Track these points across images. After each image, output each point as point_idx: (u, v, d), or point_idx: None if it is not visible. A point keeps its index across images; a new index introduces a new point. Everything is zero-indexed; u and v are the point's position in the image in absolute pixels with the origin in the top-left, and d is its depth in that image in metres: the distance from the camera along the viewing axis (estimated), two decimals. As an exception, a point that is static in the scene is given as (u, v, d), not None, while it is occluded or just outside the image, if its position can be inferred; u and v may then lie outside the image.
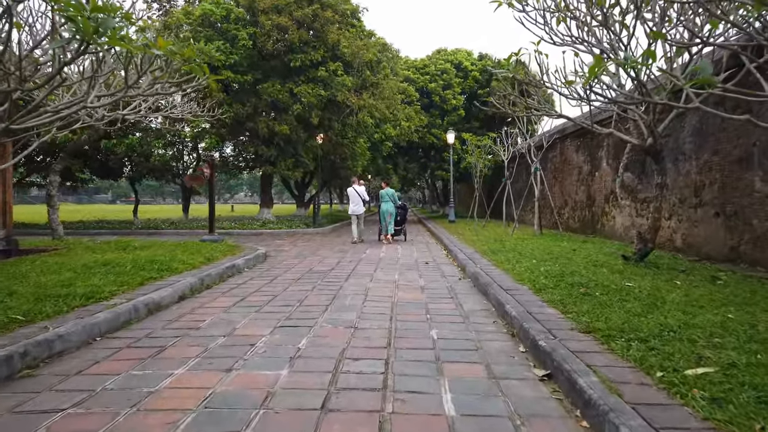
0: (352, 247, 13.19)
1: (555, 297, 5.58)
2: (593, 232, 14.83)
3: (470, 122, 28.99)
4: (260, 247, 11.14)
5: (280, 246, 13.12)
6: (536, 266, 7.82)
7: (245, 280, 7.68)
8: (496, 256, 9.32)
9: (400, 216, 14.96)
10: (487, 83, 29.14)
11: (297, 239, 15.31)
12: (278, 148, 17.19)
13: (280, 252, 11.69)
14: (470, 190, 37.17)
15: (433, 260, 10.36)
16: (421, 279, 7.88)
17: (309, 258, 10.54)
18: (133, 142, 15.34)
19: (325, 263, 9.67)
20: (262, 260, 10.05)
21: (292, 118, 16.51)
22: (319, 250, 12.07)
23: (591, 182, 15.15)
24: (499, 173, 26.92)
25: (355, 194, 14.50)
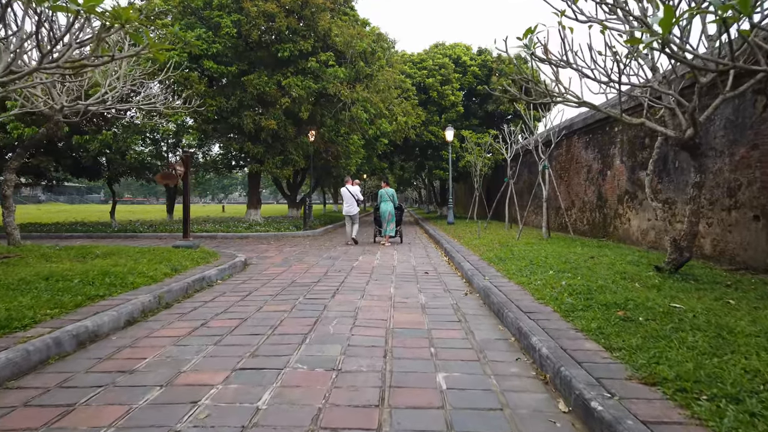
0: (344, 251, 12.05)
1: (590, 324, 4.46)
2: (605, 235, 13.74)
3: (469, 119, 27.88)
4: (240, 254, 9.98)
5: (265, 251, 11.96)
6: (555, 279, 6.70)
7: (214, 297, 6.52)
8: (505, 265, 8.19)
9: (396, 217, 14.39)
10: (487, 79, 28.06)
11: (284, 243, 14.15)
12: (266, 145, 16.00)
13: (263, 259, 10.53)
14: (469, 190, 36.04)
15: (434, 269, 9.22)
16: (421, 294, 6.74)
17: (294, 266, 9.38)
18: (107, 138, 14.15)
19: (311, 273, 8.52)
20: (240, 269, 8.89)
21: (280, 112, 15.33)
22: (307, 257, 10.92)
23: (602, 182, 14.06)
24: (499, 172, 25.83)
25: (349, 194, 13.93)
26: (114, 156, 15.03)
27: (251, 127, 15.21)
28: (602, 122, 14.17)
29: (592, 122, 14.70)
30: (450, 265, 9.79)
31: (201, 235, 15.40)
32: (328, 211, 41.37)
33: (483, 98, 28.31)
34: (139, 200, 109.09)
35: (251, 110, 15.41)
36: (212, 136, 16.14)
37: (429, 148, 27.83)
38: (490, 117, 28.47)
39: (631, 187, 12.31)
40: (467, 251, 10.70)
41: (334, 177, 24.25)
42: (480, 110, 28.22)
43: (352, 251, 12.14)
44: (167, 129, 14.99)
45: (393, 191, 14.42)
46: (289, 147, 16.54)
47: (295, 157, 16.52)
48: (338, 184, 35.69)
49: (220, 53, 14.62)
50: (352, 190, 13.98)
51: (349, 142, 16.43)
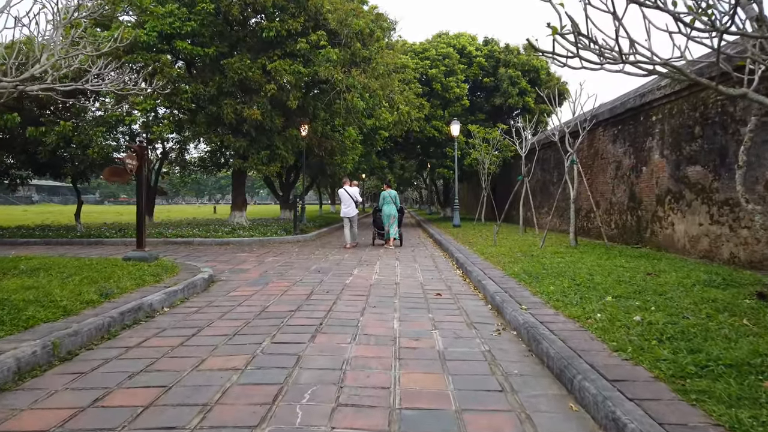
0: (337, 262, 10.17)
1: (736, 412, 2.61)
2: (639, 241, 11.87)
3: (475, 114, 25.99)
4: (206, 268, 8.08)
5: (242, 262, 10.07)
6: (621, 310, 4.84)
7: (144, 338, 4.62)
8: (541, 286, 6.31)
9: (397, 219, 13.71)
10: (494, 71, 26.17)
11: (269, 251, 12.27)
12: (249, 138, 14.10)
13: (236, 273, 8.63)
14: (473, 190, 34.15)
15: (447, 287, 7.34)
16: (436, 332, 4.86)
17: (272, 284, 7.49)
18: (65, 129, 12.26)
19: (290, 296, 6.63)
20: (202, 290, 6.99)
21: (266, 101, 13.42)
22: (291, 269, 9.03)
23: (636, 179, 12.19)
24: (506, 171, 23.95)
25: (347, 196, 13.26)
26: (75, 151, 13.13)
27: (232, 118, 13.29)
28: (635, 111, 12.30)
29: (621, 112, 12.83)
30: (465, 281, 7.91)
31: (175, 240, 13.52)
32: (325, 212, 39.44)
33: (489, 91, 26.43)
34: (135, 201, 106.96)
35: (232, 98, 13.50)
36: (188, 128, 14.32)
37: (431, 144, 25.96)
38: (497, 111, 26.59)
39: (675, 185, 10.44)
40: (485, 263, 8.81)
41: (329, 176, 22.33)
42: (486, 104, 26.33)
43: (346, 262, 10.26)
44: (134, 118, 13.03)
45: (396, 193, 13.80)
46: (276, 141, 14.62)
47: (283, 152, 14.59)
48: (335, 184, 33.75)
49: (196, 32, 12.71)
50: (351, 192, 13.28)
51: (345, 136, 14.52)
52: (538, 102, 25.60)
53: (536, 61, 25.58)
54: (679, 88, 10.30)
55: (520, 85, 24.81)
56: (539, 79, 25.64)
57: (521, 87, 24.82)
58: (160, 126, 13.19)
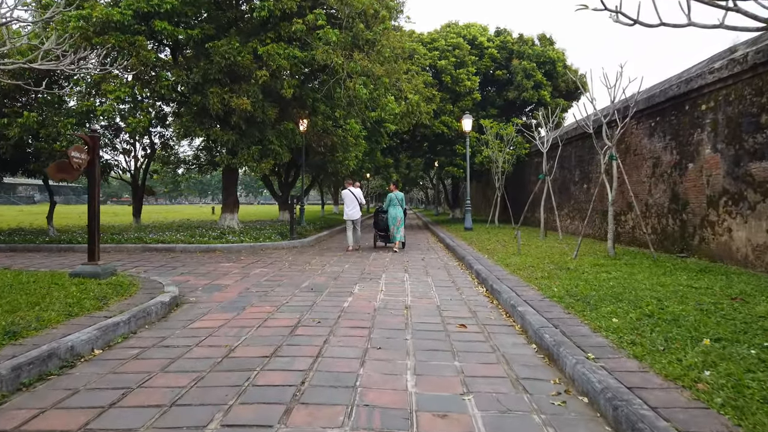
0: (335, 275, 8.65)
1: None
2: (684, 249, 10.29)
3: (486, 109, 24.41)
4: (172, 287, 6.55)
5: (223, 275, 8.55)
6: (741, 368, 3.30)
7: (30, 415, 3.09)
8: (600, 317, 4.76)
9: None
10: (507, 63, 24.59)
11: (258, 260, 10.75)
12: (239, 132, 12.56)
13: (211, 291, 7.11)
14: (482, 190, 32.50)
15: (471, 313, 5.80)
16: (470, 399, 3.31)
17: (250, 310, 5.96)
18: (29, 121, 10.78)
19: (269, 328, 5.09)
20: (158, 318, 5.47)
21: (256, 89, 11.89)
22: (279, 287, 7.50)
23: (679, 178, 10.62)
24: (520, 170, 22.36)
25: (351, 197, 12.62)
26: (42, 145, 11.64)
27: (218, 108, 11.75)
28: (679, 99, 10.73)
29: (661, 101, 11.25)
30: (492, 303, 6.37)
31: (155, 247, 12.01)
32: (327, 212, 37.80)
33: (502, 85, 24.83)
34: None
35: (219, 86, 11.97)
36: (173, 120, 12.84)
37: (440, 142, 24.39)
38: (510, 106, 25.00)
39: (732, 184, 8.86)
40: (512, 278, 7.26)
41: (329, 173, 20.74)
42: (498, 99, 24.73)
43: (346, 275, 8.73)
44: (106, 108, 11.46)
45: (402, 195, 13.23)
46: (269, 134, 13.05)
47: (276, 148, 13.02)
48: (338, 183, 32.19)
49: (177, 11, 11.18)
50: (355, 192, 12.68)
51: (347, 130, 12.92)
52: (554, 96, 24.02)
53: (552, 53, 23.97)
54: (740, 69, 8.73)
55: (536, 78, 23.20)
56: (555, 71, 24.02)
57: (536, 80, 23.21)
58: (137, 117, 11.67)
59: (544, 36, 25.15)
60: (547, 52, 23.89)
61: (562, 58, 24.45)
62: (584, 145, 16.18)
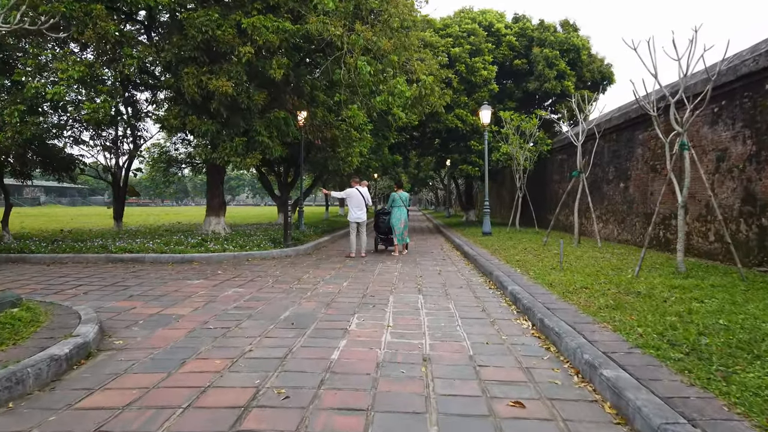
0: (327, 302, 6.69)
1: None
2: (765, 260, 8.25)
3: (504, 102, 22.34)
4: (89, 327, 4.60)
5: (182, 300, 6.60)
6: None
7: None
8: (748, 392, 2.76)
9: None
10: (526, 51, 22.53)
11: (238, 275, 8.82)
12: (220, 121, 10.62)
13: (152, 327, 5.16)
14: (498, 191, 30.32)
15: (524, 373, 3.81)
16: None
17: (191, 364, 4.01)
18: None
19: (199, 417, 3.14)
20: (38, 385, 3.52)
21: (240, 69, 9.97)
22: (250, 318, 5.54)
23: (756, 174, 8.59)
24: (542, 168, 20.28)
25: (359, 197, 11.39)
26: None
27: (194, 91, 9.82)
28: (754, 79, 8.70)
29: (730, 80, 9.21)
30: (551, 351, 4.37)
31: (120, 257, 10.10)
32: (332, 214, 35.77)
33: (521, 75, 22.77)
34: (145, 202, 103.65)
35: (195, 65, 10.06)
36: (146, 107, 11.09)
37: (453, 138, 22.38)
38: (530, 99, 22.95)
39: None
40: (568, 307, 5.25)
41: (332, 172, 18.71)
42: (517, 90, 22.67)
43: (343, 298, 6.77)
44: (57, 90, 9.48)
45: (407, 195, 12.45)
46: (256, 124, 11.09)
47: (265, 139, 11.04)
48: (344, 183, 30.18)
49: (143, -25, 9.30)
50: (363, 193, 11.46)
51: (349, 118, 10.92)
52: (578, 87, 21.95)
53: (576, 40, 21.88)
54: None
55: (558, 67, 21.12)
56: (580, 60, 21.93)
57: (559, 69, 21.12)
58: (95, 103, 9.76)
59: (567, 22, 23.07)
60: (571, 39, 21.81)
61: (587, 45, 22.37)
62: (620, 138, 14.15)
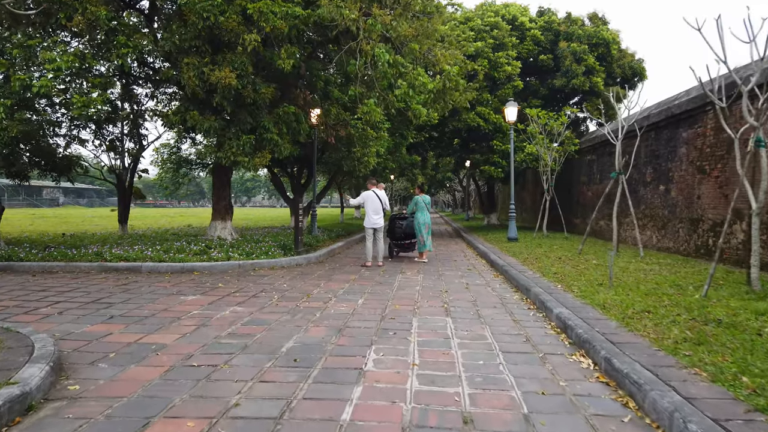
0: (339, 327, 5.69)
1: None
2: None
3: (528, 100, 21.21)
4: (34, 369, 3.64)
5: (170, 323, 5.64)
6: None
7: None
8: None
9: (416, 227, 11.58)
10: (552, 46, 21.35)
11: (240, 288, 7.86)
12: (225, 117, 9.67)
13: (122, 364, 4.20)
14: (520, 193, 28.98)
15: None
16: None
17: (156, 426, 3.03)
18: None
19: None
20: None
21: (245, 59, 9.02)
22: (244, 351, 4.56)
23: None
24: (568, 169, 19.08)
25: (377, 200, 10.50)
26: None
27: (195, 84, 8.88)
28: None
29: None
30: (629, 406, 3.29)
31: (116, 266, 9.21)
32: (348, 217, 34.76)
33: (546, 72, 21.59)
34: (162, 203, 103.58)
35: (196, 56, 9.14)
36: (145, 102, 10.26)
37: (474, 138, 21.30)
38: (555, 96, 21.75)
39: None
40: (637, 341, 4.15)
41: (347, 173, 17.72)
42: (542, 87, 21.50)
43: (356, 323, 5.77)
44: (45, 83, 8.53)
45: (429, 198, 12.06)
46: (264, 120, 10.13)
47: (274, 137, 10.07)
48: (359, 185, 29.19)
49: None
50: (381, 195, 10.63)
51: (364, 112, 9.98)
52: (608, 83, 20.72)
53: (606, 33, 20.65)
54: None
55: (587, 63, 19.91)
56: (610, 55, 20.69)
57: (588, 64, 19.91)
58: (84, 97, 8.87)
59: (596, 15, 21.83)
60: (600, 33, 20.57)
61: (617, 39, 21.12)
62: (659, 136, 12.97)
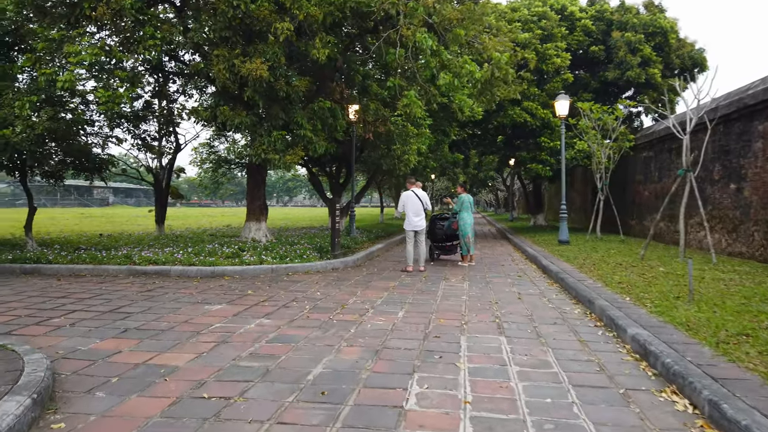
0: (375, 348, 4.99)
1: None
2: None
3: (578, 94, 20.03)
4: (14, 400, 3.07)
5: (186, 340, 5.06)
6: None
7: None
8: None
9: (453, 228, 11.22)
10: (604, 37, 20.11)
11: (270, 296, 7.26)
12: (255, 112, 9.16)
13: (121, 394, 3.60)
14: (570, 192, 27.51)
15: None
16: None
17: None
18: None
19: None
20: None
21: (277, 49, 8.44)
22: (264, 379, 3.91)
23: None
24: (623, 167, 17.82)
25: (417, 201, 9.78)
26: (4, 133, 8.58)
27: (225, 77, 8.36)
28: None
29: None
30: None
31: (144, 269, 8.79)
32: (387, 217, 34.08)
33: (596, 64, 20.38)
34: (206, 203, 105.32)
35: (226, 47, 8.62)
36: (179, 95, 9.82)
37: (519, 135, 20.29)
38: (607, 89, 20.49)
39: None
40: (748, 376, 3.26)
41: (386, 172, 17.05)
42: (593, 80, 20.29)
43: (395, 342, 5.05)
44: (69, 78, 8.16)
45: (472, 198, 11.96)
46: (297, 116, 9.55)
47: (308, 133, 9.49)
48: (399, 185, 28.47)
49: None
50: (421, 195, 9.87)
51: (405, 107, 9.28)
52: (665, 75, 19.36)
53: (663, 21, 19.28)
54: None
55: (642, 53, 18.61)
56: (668, 44, 19.31)
57: (643, 55, 18.61)
58: (109, 91, 8.46)
59: (651, 2, 20.44)
60: (657, 21, 19.22)
61: (675, 28, 19.70)
62: (729, 130, 11.73)
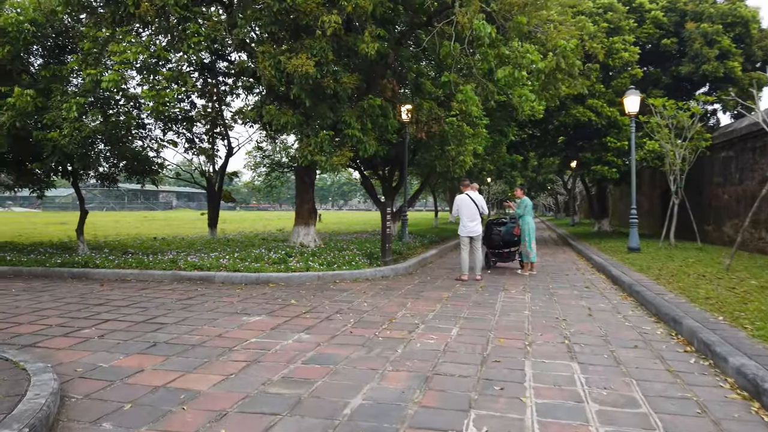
0: (425, 374, 4.36)
1: None
2: None
3: (647, 90, 18.66)
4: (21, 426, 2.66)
5: (216, 358, 4.61)
6: None
7: None
8: None
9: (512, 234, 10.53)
10: (676, 29, 18.65)
11: (314, 307, 6.76)
12: (302, 110, 8.72)
13: (131, 427, 3.15)
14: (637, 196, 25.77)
15: None
16: None
17: None
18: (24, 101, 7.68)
19: None
20: None
21: (324, 44, 7.97)
22: (294, 411, 3.37)
23: None
24: (698, 169, 16.39)
25: (472, 205, 9.05)
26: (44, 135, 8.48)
27: (270, 74, 7.98)
28: None
29: None
30: None
31: (189, 275, 8.52)
32: (441, 221, 33.22)
33: (668, 58, 18.95)
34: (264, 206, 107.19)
35: (272, 43, 8.23)
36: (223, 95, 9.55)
37: (582, 135, 19.12)
38: (680, 85, 19.00)
39: None
40: None
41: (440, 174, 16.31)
42: (664, 76, 18.86)
43: (447, 368, 4.41)
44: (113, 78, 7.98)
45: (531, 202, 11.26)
46: (345, 115, 9.05)
47: (356, 133, 8.96)
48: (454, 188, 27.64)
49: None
50: (477, 198, 9.12)
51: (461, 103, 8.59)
52: (746, 69, 17.76)
53: (744, 10, 17.68)
54: None
55: (720, 45, 17.10)
56: (749, 35, 17.69)
57: (722, 47, 17.09)
58: (154, 91, 8.22)
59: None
60: (737, 10, 17.64)
61: (757, 17, 18.04)
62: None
